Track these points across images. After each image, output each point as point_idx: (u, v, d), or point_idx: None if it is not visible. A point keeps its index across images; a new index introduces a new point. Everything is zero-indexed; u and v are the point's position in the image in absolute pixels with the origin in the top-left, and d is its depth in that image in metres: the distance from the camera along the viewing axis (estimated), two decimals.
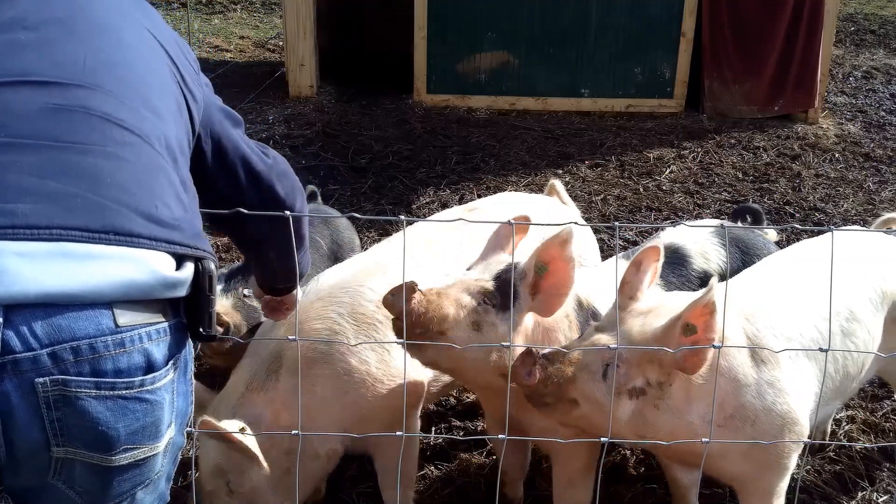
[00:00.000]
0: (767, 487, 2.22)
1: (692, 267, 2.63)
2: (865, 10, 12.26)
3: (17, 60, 1.32)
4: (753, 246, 2.80)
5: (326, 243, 3.08)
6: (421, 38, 7.20)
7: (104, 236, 1.25)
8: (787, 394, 2.11)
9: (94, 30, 1.41)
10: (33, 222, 1.21)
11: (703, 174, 5.90)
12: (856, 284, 2.43)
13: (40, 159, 1.25)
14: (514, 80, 7.33)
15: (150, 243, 1.29)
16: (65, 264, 1.21)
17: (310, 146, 6.15)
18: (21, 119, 1.27)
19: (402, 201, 5.27)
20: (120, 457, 1.30)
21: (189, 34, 8.18)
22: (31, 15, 1.37)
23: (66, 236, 1.22)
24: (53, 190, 1.24)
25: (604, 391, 1.96)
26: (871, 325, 2.41)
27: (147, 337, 1.29)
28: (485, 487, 2.81)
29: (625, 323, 2.03)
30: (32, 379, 1.21)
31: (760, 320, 2.19)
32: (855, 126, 7.08)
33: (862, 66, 9.08)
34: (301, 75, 7.31)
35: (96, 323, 1.24)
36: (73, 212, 1.24)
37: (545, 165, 5.97)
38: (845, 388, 2.43)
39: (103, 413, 1.26)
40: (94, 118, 1.32)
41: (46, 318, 1.20)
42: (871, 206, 5.43)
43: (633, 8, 7.14)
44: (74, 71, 1.34)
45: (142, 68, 1.44)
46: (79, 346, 1.23)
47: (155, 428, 1.33)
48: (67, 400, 1.23)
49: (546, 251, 2.04)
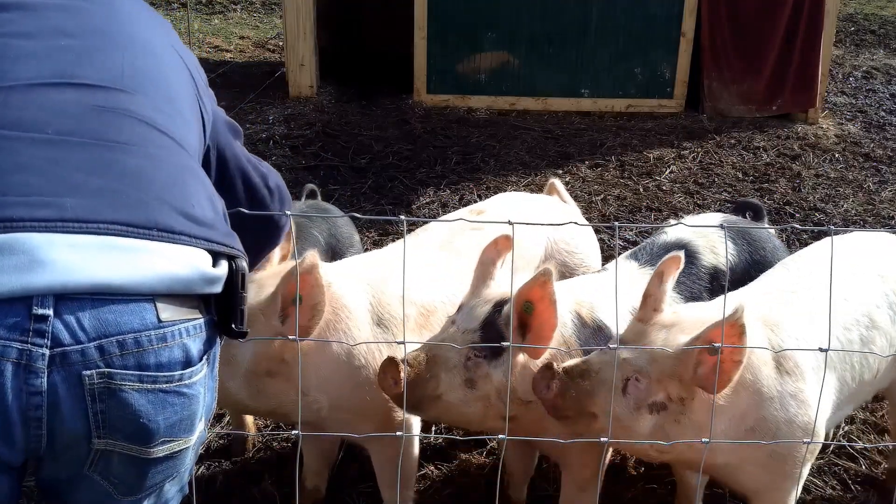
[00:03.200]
0: (783, 498, 2.20)
1: (701, 263, 2.61)
2: (865, 10, 12.26)
3: (61, 64, 1.38)
4: (759, 238, 2.78)
5: (324, 238, 3.07)
6: (421, 38, 7.20)
7: (148, 232, 1.30)
8: (810, 406, 2.09)
9: (129, 41, 1.49)
10: (81, 216, 1.25)
11: (703, 174, 5.90)
12: (876, 292, 2.39)
13: (86, 156, 1.31)
14: (514, 81, 7.33)
15: (189, 240, 1.34)
16: (112, 256, 1.26)
17: (310, 146, 6.15)
18: (67, 117, 1.33)
19: (402, 201, 5.27)
20: (157, 449, 1.34)
21: (189, 34, 8.17)
22: (72, 25, 1.44)
23: (113, 230, 1.27)
24: (99, 186, 1.29)
25: (623, 406, 1.95)
26: (890, 332, 2.38)
27: (186, 332, 1.34)
28: (485, 487, 2.81)
29: (647, 336, 2.01)
30: (80, 371, 1.25)
31: (785, 330, 2.16)
32: (855, 126, 7.08)
33: (862, 66, 9.08)
34: (301, 75, 7.31)
35: (141, 317, 1.28)
36: (118, 208, 1.29)
37: (545, 165, 5.97)
38: (861, 394, 2.41)
39: (145, 406, 1.30)
40: (135, 121, 1.39)
41: (94, 312, 1.25)
42: (871, 206, 5.43)
43: (633, 8, 7.14)
44: (115, 76, 1.41)
45: (172, 79, 1.52)
46: (125, 340, 1.27)
47: (190, 421, 1.38)
48: (112, 392, 1.27)
49: (529, 292, 2.00)
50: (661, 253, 2.52)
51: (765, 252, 2.74)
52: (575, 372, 1.98)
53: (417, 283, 2.42)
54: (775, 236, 2.92)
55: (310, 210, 3.18)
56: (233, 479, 2.85)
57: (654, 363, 1.96)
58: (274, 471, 2.87)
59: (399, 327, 2.31)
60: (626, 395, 1.96)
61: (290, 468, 1.99)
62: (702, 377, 1.93)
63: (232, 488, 2.81)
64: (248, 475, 2.87)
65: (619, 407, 1.95)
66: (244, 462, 2.96)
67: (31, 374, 1.23)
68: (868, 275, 2.43)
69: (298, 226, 2.95)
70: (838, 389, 2.22)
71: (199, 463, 2.90)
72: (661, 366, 1.96)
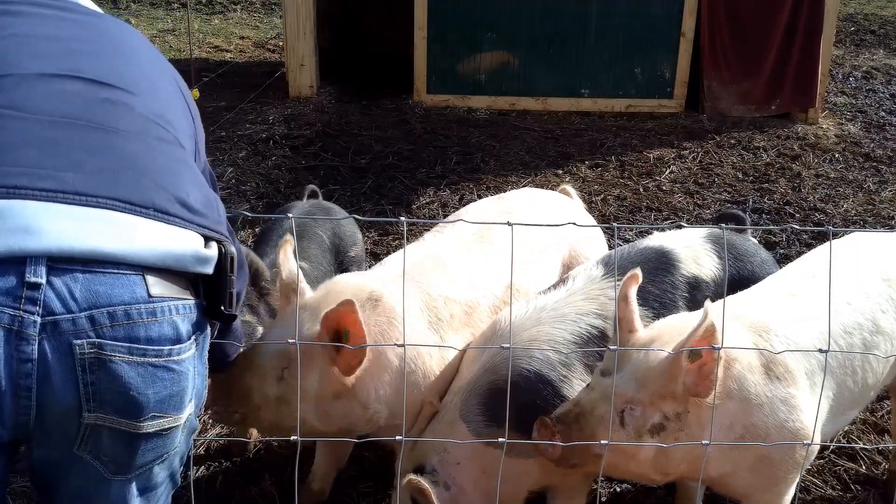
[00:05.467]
0: (776, 500, 2.20)
1: (680, 272, 2.48)
2: (865, 10, 12.26)
3: (70, 61, 1.46)
4: (746, 252, 2.67)
5: (328, 237, 3.10)
6: (421, 39, 7.20)
7: (144, 210, 1.35)
8: (801, 410, 2.07)
9: (135, 55, 1.59)
10: (81, 190, 1.31)
11: (703, 174, 5.90)
12: (880, 294, 2.36)
13: (88, 138, 1.37)
14: (514, 81, 7.33)
15: (182, 223, 1.40)
16: (108, 227, 1.31)
17: (310, 146, 6.15)
18: (71, 104, 1.40)
19: (402, 201, 5.27)
20: (147, 424, 1.36)
21: (189, 34, 8.17)
22: (85, 34, 1.54)
23: (110, 205, 1.32)
24: (100, 165, 1.35)
25: (625, 437, 1.95)
26: (894, 335, 2.35)
27: (175, 310, 1.37)
28: None
29: (630, 359, 2.00)
30: (70, 341, 1.27)
31: (775, 334, 2.14)
32: (855, 126, 7.08)
33: (862, 66, 9.08)
34: (301, 75, 7.31)
35: (131, 291, 1.31)
36: (116, 186, 1.35)
37: (545, 165, 5.97)
38: (864, 398, 2.39)
39: (135, 378, 1.32)
40: (136, 114, 1.46)
41: (86, 283, 1.28)
42: (871, 206, 5.43)
43: (633, 8, 7.14)
44: (120, 78, 1.49)
45: (170, 92, 1.62)
46: (115, 312, 1.30)
47: (179, 398, 1.40)
48: (102, 363, 1.29)
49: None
50: (637, 259, 2.46)
51: (752, 266, 2.63)
52: (570, 418, 1.97)
53: (458, 279, 2.46)
54: (763, 250, 2.83)
55: (313, 209, 3.19)
56: (233, 479, 2.85)
57: (643, 388, 1.96)
58: (274, 471, 2.87)
59: (446, 327, 2.35)
60: (626, 427, 1.96)
61: (290, 468, 1.99)
62: (692, 386, 1.93)
63: (232, 488, 2.81)
64: (248, 475, 2.87)
65: (622, 439, 1.95)
66: (244, 462, 2.96)
67: (23, 340, 1.24)
68: (873, 278, 2.39)
69: (303, 226, 2.98)
70: (837, 395, 2.20)
71: (198, 463, 2.90)
72: (651, 388, 1.95)
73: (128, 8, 11.36)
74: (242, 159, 5.75)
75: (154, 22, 10.61)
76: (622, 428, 1.95)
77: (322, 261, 2.96)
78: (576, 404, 2.01)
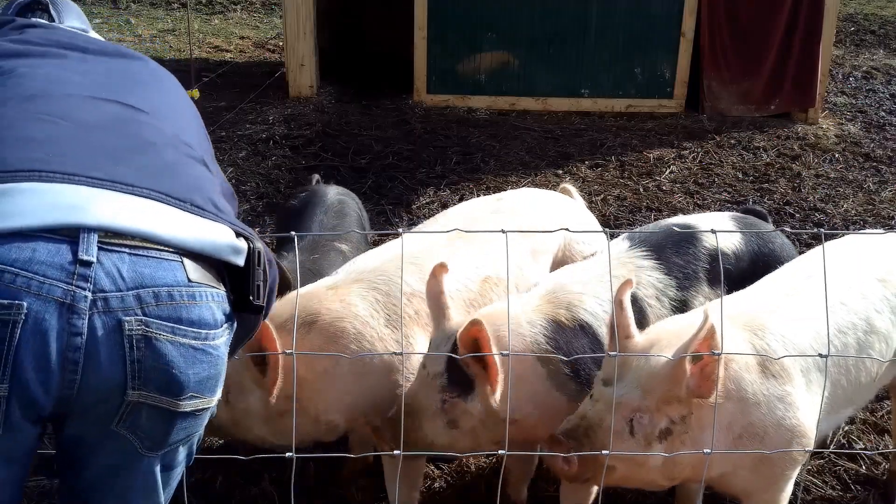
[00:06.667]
0: (775, 497, 2.21)
1: (703, 245, 2.57)
2: (865, 10, 12.26)
3: (109, 91, 1.61)
4: (768, 234, 2.74)
5: (356, 214, 3.30)
6: (421, 39, 7.20)
7: (184, 205, 1.45)
8: (797, 408, 2.09)
9: (165, 92, 1.75)
10: (128, 181, 1.41)
11: (703, 174, 5.90)
12: (874, 294, 2.37)
13: (130, 144, 1.50)
14: (514, 81, 7.33)
15: (217, 218, 1.49)
16: (153, 213, 1.40)
17: (310, 146, 6.15)
18: (113, 119, 1.54)
19: (402, 201, 5.27)
20: (186, 403, 1.42)
21: (189, 34, 8.16)
22: (119, 68, 1.72)
23: (155, 196, 1.42)
24: (144, 164, 1.47)
25: (634, 447, 1.95)
26: (889, 335, 2.36)
27: (211, 297, 1.44)
28: (485, 488, 2.82)
29: (630, 366, 2.00)
30: (120, 318, 1.33)
31: (770, 333, 2.15)
32: (855, 126, 7.08)
33: (862, 66, 9.08)
34: (301, 75, 7.31)
35: (173, 274, 1.38)
36: (160, 181, 1.45)
37: (545, 165, 5.97)
38: (859, 397, 2.40)
39: (177, 358, 1.38)
40: (168, 134, 1.60)
41: (132, 264, 1.35)
42: (871, 207, 5.43)
43: (633, 8, 7.14)
44: (151, 106, 1.64)
45: (194, 125, 1.76)
46: (159, 292, 1.36)
47: (215, 381, 1.47)
48: (148, 341, 1.35)
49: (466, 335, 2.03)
50: (662, 232, 2.60)
51: (773, 246, 2.71)
52: (578, 433, 1.97)
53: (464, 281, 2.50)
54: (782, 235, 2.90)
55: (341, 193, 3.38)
56: (232, 479, 2.85)
57: (649, 395, 1.96)
58: (274, 471, 2.87)
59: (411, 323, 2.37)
60: (635, 435, 1.96)
61: (289, 469, 2.00)
62: (695, 388, 1.93)
63: (231, 488, 2.81)
64: (247, 475, 2.87)
65: (632, 448, 1.95)
66: (244, 462, 2.95)
67: (74, 314, 1.30)
68: (867, 278, 2.41)
69: (341, 203, 3.23)
70: (831, 394, 2.20)
71: (198, 463, 2.90)
72: (656, 394, 1.95)
73: (128, 8, 11.37)
74: (242, 159, 5.75)
75: (154, 22, 10.61)
76: (632, 437, 1.95)
77: (362, 245, 3.06)
78: (582, 418, 2.00)
